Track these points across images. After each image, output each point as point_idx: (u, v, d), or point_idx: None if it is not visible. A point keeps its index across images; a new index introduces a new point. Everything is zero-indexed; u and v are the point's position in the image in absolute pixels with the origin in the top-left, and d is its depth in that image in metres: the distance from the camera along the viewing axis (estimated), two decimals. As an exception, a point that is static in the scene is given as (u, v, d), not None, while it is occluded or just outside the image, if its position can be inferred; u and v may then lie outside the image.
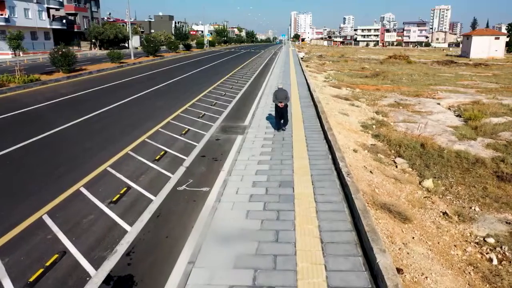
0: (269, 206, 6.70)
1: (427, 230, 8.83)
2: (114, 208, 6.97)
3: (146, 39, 45.06)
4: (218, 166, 9.25)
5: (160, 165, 9.25)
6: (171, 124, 13.26)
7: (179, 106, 16.29)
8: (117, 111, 15.26)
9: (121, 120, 13.82)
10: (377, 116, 20.68)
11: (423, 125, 18.19)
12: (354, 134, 15.90)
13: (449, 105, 25.59)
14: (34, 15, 53.67)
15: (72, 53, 25.46)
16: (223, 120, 14.10)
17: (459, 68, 54.80)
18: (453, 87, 33.26)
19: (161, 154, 9.96)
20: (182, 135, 11.89)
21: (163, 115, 14.49)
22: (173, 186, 7.99)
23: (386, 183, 11.02)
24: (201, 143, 11.14)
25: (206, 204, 7.13)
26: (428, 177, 12.19)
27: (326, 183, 7.70)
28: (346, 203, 6.80)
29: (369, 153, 13.62)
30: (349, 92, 28.22)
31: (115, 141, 11.04)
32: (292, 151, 9.82)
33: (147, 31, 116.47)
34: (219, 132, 12.36)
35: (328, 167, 8.67)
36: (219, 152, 10.36)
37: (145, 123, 13.20)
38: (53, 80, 22.92)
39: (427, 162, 13.50)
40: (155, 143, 10.95)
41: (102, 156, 9.68)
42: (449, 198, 10.97)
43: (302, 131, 11.88)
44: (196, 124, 13.43)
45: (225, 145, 10.96)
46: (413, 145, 14.89)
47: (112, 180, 8.25)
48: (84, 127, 12.80)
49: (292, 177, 8.01)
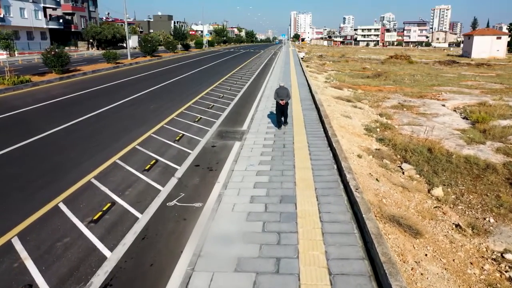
0: (268, 226, 5.93)
1: (440, 245, 8.07)
2: (94, 228, 6.18)
3: (143, 39, 44.21)
4: (213, 177, 8.47)
5: (150, 176, 8.47)
6: (164, 129, 12.48)
7: (174, 109, 15.51)
8: (108, 115, 14.48)
9: (111, 124, 13.04)
10: (380, 118, 19.92)
11: (430, 128, 17.43)
12: (358, 138, 15.15)
13: (455, 107, 24.83)
14: (30, 14, 52.84)
15: (66, 53, 24.66)
16: (220, 124, 13.32)
17: (461, 68, 54.09)
18: (457, 88, 32.52)
19: (151, 163, 9.18)
20: (176, 141, 11.12)
21: (157, 119, 13.71)
22: (163, 201, 7.21)
23: (393, 192, 10.28)
24: (196, 150, 10.36)
25: (198, 224, 6.35)
26: (437, 184, 11.46)
27: (332, 198, 6.93)
28: (356, 223, 6.02)
29: (374, 158, 12.89)
30: (351, 93, 27.46)
31: (103, 148, 10.25)
32: (294, 160, 9.05)
33: (146, 31, 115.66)
34: (215, 138, 11.58)
35: (333, 178, 7.90)
36: (214, 160, 9.58)
37: (137, 128, 12.42)
38: (45, 81, 22.11)
39: (435, 168, 12.76)
40: (146, 151, 10.17)
41: (87, 166, 8.90)
42: (461, 208, 10.24)
43: (304, 136, 11.11)
44: (191, 129, 12.66)
45: (221, 153, 10.18)
46: (420, 149, 14.15)
47: (95, 194, 7.47)
48: (71, 132, 12.01)
49: (294, 191, 7.24)
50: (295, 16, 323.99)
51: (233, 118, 14.24)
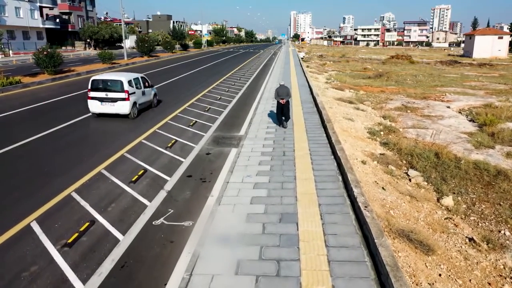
0: (266, 253, 5.16)
1: (454, 263, 7.32)
2: (68, 254, 5.42)
3: (140, 38, 43.35)
4: (206, 189, 7.71)
5: (137, 188, 7.70)
6: (156, 135, 11.70)
7: (168, 112, 14.74)
8: (97, 119, 13.67)
9: (100, 129, 12.25)
10: (384, 121, 19.17)
11: (437, 132, 16.67)
12: (361, 142, 14.40)
13: (460, 109, 24.10)
14: (25, 14, 51.99)
15: (58, 53, 23.83)
16: (216, 129, 12.55)
17: (464, 68, 53.38)
18: (461, 89, 31.78)
19: (139, 174, 8.40)
20: (168, 148, 10.34)
21: (149, 123, 12.94)
22: (149, 219, 6.45)
23: (401, 202, 9.54)
24: (189, 158, 9.59)
25: (186, 248, 5.58)
26: (446, 193, 10.73)
27: (338, 217, 6.16)
28: (367, 249, 5.26)
29: (379, 164, 12.15)
30: (353, 95, 26.71)
31: (89, 157, 9.47)
32: (295, 170, 8.29)
33: (145, 30, 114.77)
34: (210, 144, 10.81)
35: (339, 192, 7.13)
36: (208, 170, 8.81)
37: (127, 134, 11.64)
38: (35, 82, 21.30)
39: (443, 175, 12.01)
40: (135, 159, 9.39)
41: (68, 178, 8.12)
42: (473, 219, 9.51)
43: (306, 143, 10.34)
44: (185, 134, 11.89)
45: (216, 161, 9.41)
46: (427, 154, 13.38)
47: (74, 211, 6.69)
48: (53, 139, 11.16)
49: (296, 208, 6.47)
50: (295, 16, 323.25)
51: (230, 122, 13.48)
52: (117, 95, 12.91)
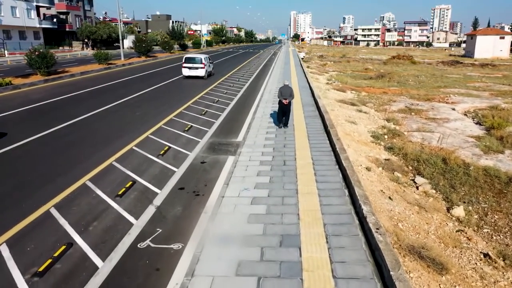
0: (265, 286, 4.47)
1: (470, 283, 6.65)
2: (37, 285, 4.72)
3: (137, 38, 42.60)
4: (198, 205, 7.01)
5: (123, 203, 7.00)
6: (149, 141, 11.00)
7: (163, 116, 14.04)
8: (88, 123, 12.98)
9: (88, 135, 11.53)
10: (388, 124, 18.49)
11: (444, 136, 15.99)
12: (365, 146, 13.73)
13: (465, 111, 23.44)
14: (22, 13, 51.23)
15: (51, 54, 23.08)
16: (213, 134, 11.84)
17: (466, 68, 52.74)
18: (465, 90, 31.11)
19: (127, 186, 7.70)
20: (160, 156, 9.64)
21: (142, 128, 12.23)
22: (133, 241, 5.75)
23: (409, 213, 8.89)
24: (182, 167, 8.89)
25: (174, 278, 4.89)
26: (456, 201, 10.09)
27: (346, 240, 5.47)
28: (381, 281, 4.57)
29: (384, 171, 11.50)
30: (355, 96, 26.04)
31: (72, 167, 8.77)
32: (297, 182, 7.59)
33: (144, 30, 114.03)
34: (206, 152, 10.11)
35: (346, 209, 6.44)
36: (202, 181, 8.11)
37: (118, 140, 10.93)
38: (27, 84, 20.57)
39: (452, 182, 11.36)
40: (123, 169, 8.69)
41: (48, 191, 7.41)
42: (486, 232, 8.89)
43: (308, 151, 9.64)
44: (179, 139, 11.19)
45: (211, 171, 8.71)
46: (434, 160, 12.71)
47: (50, 231, 6.00)
48: (40, 145, 10.48)
49: (298, 229, 5.78)
50: (295, 16, 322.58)
51: (228, 127, 12.77)
52: (198, 65, 23.70)
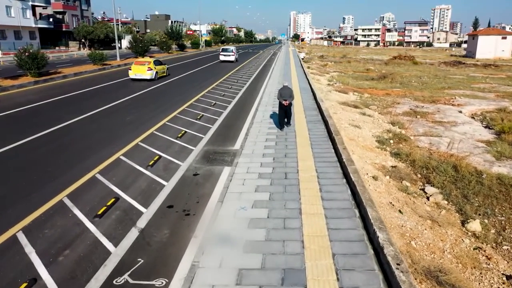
0: None
1: (495, 313, 5.79)
2: None
3: (134, 38, 41.66)
4: (188, 227, 6.14)
5: (102, 225, 6.14)
6: (138, 149, 10.12)
7: (155, 121, 13.17)
8: (74, 129, 12.10)
9: (73, 143, 10.64)
10: (393, 128, 17.64)
11: (455, 141, 15.13)
12: (370, 152, 12.88)
13: (472, 113, 22.60)
14: (17, 13, 50.26)
15: (42, 54, 22.14)
16: (208, 141, 10.97)
17: (468, 69, 51.92)
18: (470, 91, 30.27)
19: (109, 204, 6.83)
20: (149, 167, 8.77)
21: (132, 135, 11.36)
22: (109, 275, 4.89)
23: (422, 229, 8.04)
24: (172, 180, 8.02)
25: (153, 328, 4.03)
26: (470, 214, 9.27)
27: (360, 276, 4.60)
28: (407, 337, 3.70)
29: (391, 179, 10.67)
30: (357, 98, 25.19)
31: (51, 180, 7.89)
32: (300, 200, 6.72)
33: (143, 30, 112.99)
34: (199, 162, 9.23)
35: (357, 235, 5.57)
36: (194, 198, 7.24)
37: (104, 148, 10.06)
38: (16, 85, 19.67)
39: (464, 192, 10.52)
40: (107, 182, 7.82)
41: (16, 211, 6.53)
42: (506, 249, 8.06)
43: (312, 161, 8.77)
44: (171, 147, 10.31)
45: (204, 185, 7.84)
46: (444, 167, 11.85)
47: (11, 264, 5.12)
48: (17, 155, 9.60)
49: (303, 260, 4.92)
50: (295, 16, 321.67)
51: (224, 133, 11.89)
52: (231, 53, 40.63)
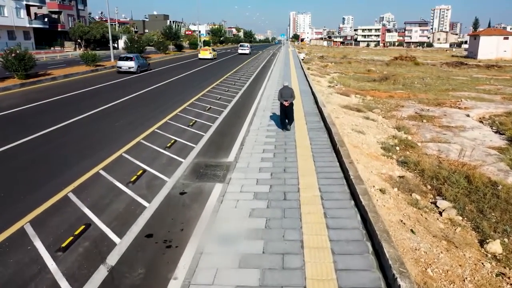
0: None
1: None
2: None
3: (129, 38, 40.61)
4: (168, 265, 5.11)
5: (65, 262, 5.11)
6: (121, 161, 9.10)
7: (144, 128, 12.14)
8: (55, 137, 11.06)
9: (46, 156, 9.53)
10: (399, 133, 16.64)
11: (464, 148, 14.12)
12: (376, 161, 11.88)
13: (480, 117, 21.62)
14: (10, 12, 49.17)
15: (30, 55, 21.09)
16: (200, 152, 9.93)
17: (471, 70, 50.99)
18: (475, 93, 29.30)
19: (77, 233, 5.80)
20: (130, 184, 7.74)
21: (117, 144, 10.33)
22: (63, 337, 3.86)
23: (438, 252, 7.05)
24: (156, 201, 7.00)
25: None
26: (488, 232, 8.29)
27: None
28: None
29: (400, 192, 9.70)
30: (360, 101, 24.20)
31: (14, 200, 6.87)
32: (301, 228, 5.70)
33: (141, 31, 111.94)
34: (188, 177, 8.20)
35: (372, 279, 4.55)
36: (178, 224, 6.22)
37: (82, 160, 9.02)
38: (1, 88, 18.64)
39: (479, 206, 9.54)
40: (79, 204, 6.79)
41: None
42: (533, 274, 6.97)
43: (314, 178, 7.74)
44: (158, 159, 9.29)
45: (191, 207, 6.81)
46: (456, 178, 10.85)
47: None
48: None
49: (306, 318, 3.90)
50: (294, 16, 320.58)
51: (218, 142, 10.86)
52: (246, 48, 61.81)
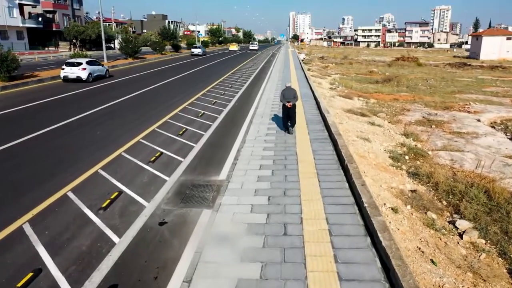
0: None
1: None
2: None
3: (123, 39, 39.41)
4: (131, 337, 3.87)
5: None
6: (96, 179, 7.85)
7: (128, 137, 10.90)
8: (21, 151, 9.83)
9: (11, 172, 8.37)
10: (407, 140, 15.37)
11: (483, 159, 12.88)
12: (384, 173, 10.62)
13: (491, 122, 20.41)
14: (2, 12, 47.87)
15: (13, 56, 19.86)
16: (188, 167, 8.68)
17: (475, 71, 49.78)
18: (483, 96, 28.07)
19: (19, 285, 4.56)
20: (101, 210, 6.49)
21: (95, 156, 9.09)
22: None
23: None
24: (128, 235, 5.75)
25: None
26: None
27: None
28: None
29: (414, 210, 8.51)
30: (363, 104, 22.94)
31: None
32: (306, 279, 4.46)
33: (139, 31, 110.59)
34: (171, 201, 6.95)
35: None
36: (152, 269, 4.96)
37: (51, 179, 7.77)
38: (-21, 92, 17.47)
39: (504, 226, 8.29)
40: (34, 239, 5.55)
41: None
42: None
43: (320, 204, 6.49)
44: (138, 177, 8.04)
45: (171, 245, 5.56)
46: (474, 193, 9.62)
47: None
48: None
49: None
50: (294, 16, 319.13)
51: (209, 156, 9.60)
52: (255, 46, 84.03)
